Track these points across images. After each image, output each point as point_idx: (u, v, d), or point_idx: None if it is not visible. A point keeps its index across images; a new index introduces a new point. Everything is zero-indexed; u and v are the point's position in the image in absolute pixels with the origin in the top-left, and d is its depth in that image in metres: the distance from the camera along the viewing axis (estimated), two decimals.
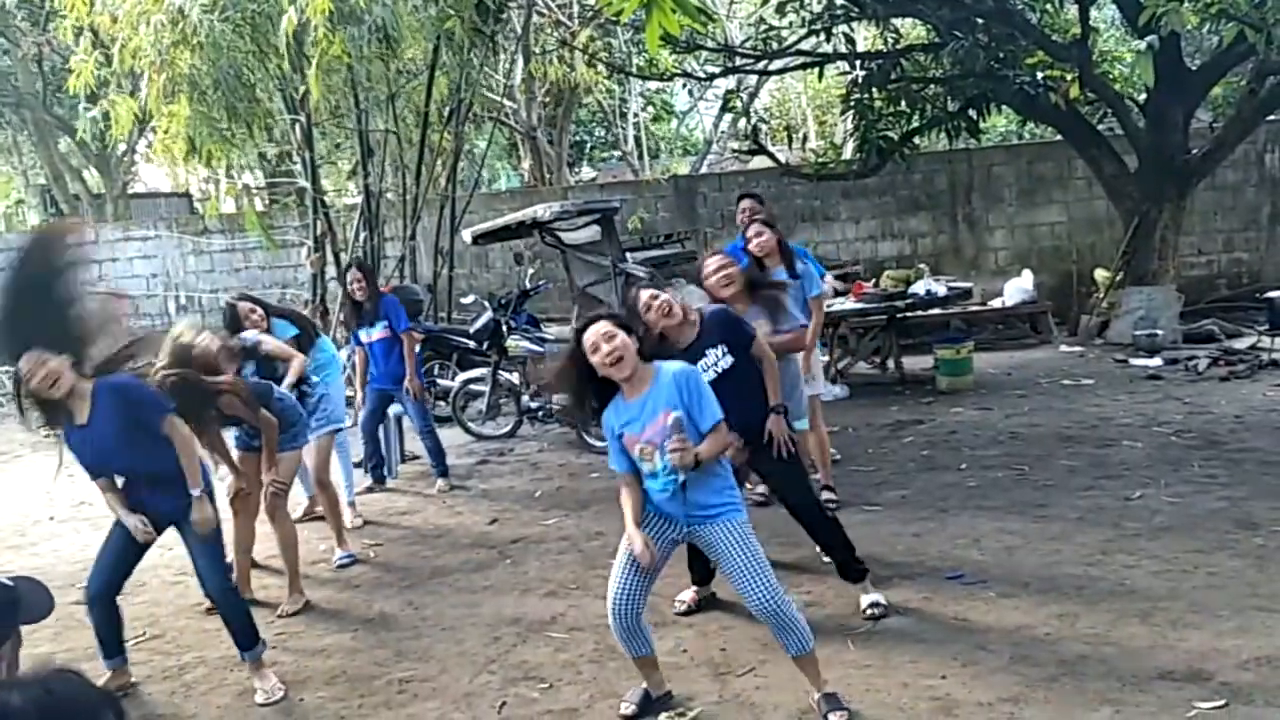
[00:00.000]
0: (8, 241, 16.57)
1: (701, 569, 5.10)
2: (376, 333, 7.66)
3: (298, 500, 6.85)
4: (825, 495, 6.28)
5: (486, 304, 9.87)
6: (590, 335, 3.76)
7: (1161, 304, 11.40)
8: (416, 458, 8.78)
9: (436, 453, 8.05)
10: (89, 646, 5.09)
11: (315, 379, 6.43)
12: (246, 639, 4.57)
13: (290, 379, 6.12)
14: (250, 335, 6.14)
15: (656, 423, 3.75)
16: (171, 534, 4.65)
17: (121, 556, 4.55)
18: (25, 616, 1.99)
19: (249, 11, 9.31)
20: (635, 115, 21.39)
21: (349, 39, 9.33)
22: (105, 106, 9.82)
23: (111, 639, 4.64)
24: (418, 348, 10.19)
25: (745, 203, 7.62)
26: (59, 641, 5.28)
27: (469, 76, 11.91)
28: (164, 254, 15.57)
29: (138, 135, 16.82)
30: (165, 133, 9.76)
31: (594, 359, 3.74)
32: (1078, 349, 11.72)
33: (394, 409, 8.21)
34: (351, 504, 7.36)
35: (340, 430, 6.76)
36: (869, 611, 4.78)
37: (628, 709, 4.03)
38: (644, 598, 3.95)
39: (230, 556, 5.17)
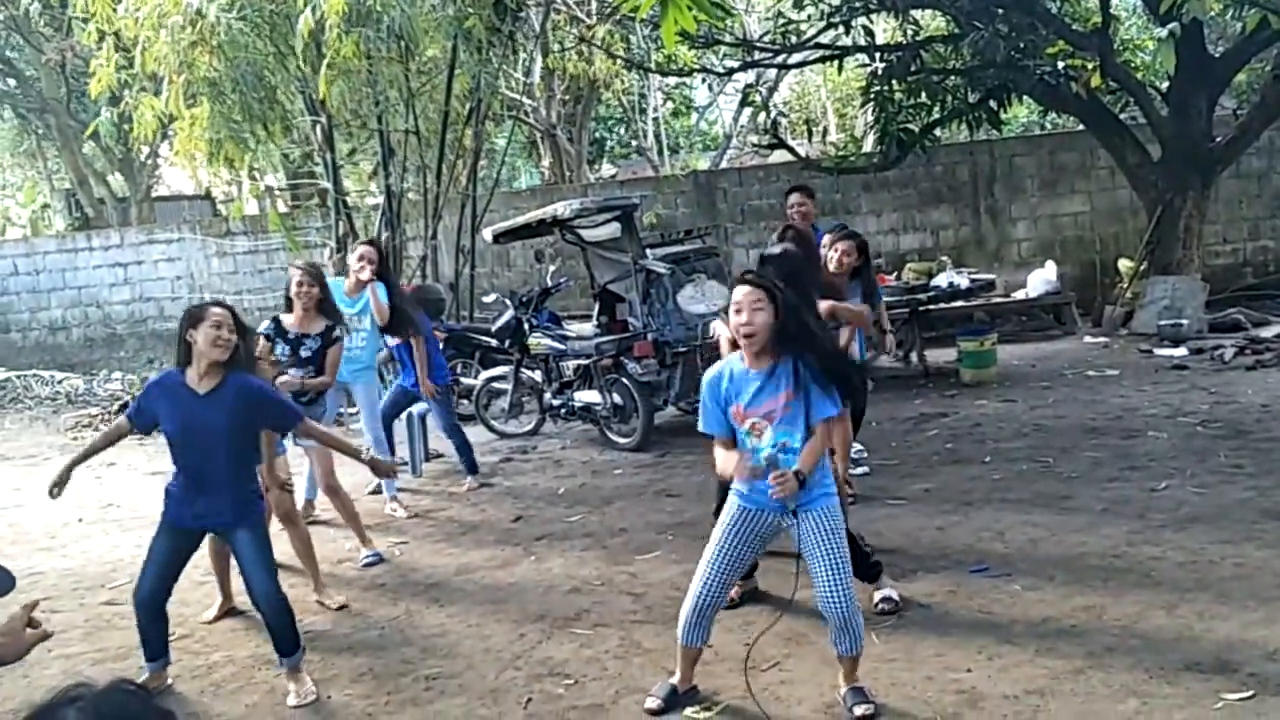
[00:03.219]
0: (33, 246, 16.76)
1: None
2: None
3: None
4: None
5: (508, 302, 9.88)
6: (738, 295, 3.73)
7: (1186, 293, 11.31)
8: (440, 456, 8.81)
9: (463, 449, 8.04)
10: (120, 646, 5.16)
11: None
12: (288, 645, 4.55)
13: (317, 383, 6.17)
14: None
15: (777, 399, 3.73)
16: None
17: (167, 563, 4.54)
18: None
19: (267, 12, 9.35)
20: (655, 111, 21.38)
21: (365, 40, 9.36)
22: (126, 108, 9.90)
23: (156, 641, 4.64)
24: (440, 346, 10.27)
25: (794, 196, 7.57)
26: (90, 641, 5.34)
27: (488, 75, 11.93)
28: (188, 256, 15.69)
29: (160, 138, 16.95)
30: (187, 135, 9.82)
31: (732, 318, 3.74)
32: (1102, 340, 11.65)
33: (419, 407, 8.23)
34: (394, 497, 7.43)
35: None
36: (880, 606, 4.77)
37: (653, 703, 4.04)
38: (728, 589, 4.03)
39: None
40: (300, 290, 6.19)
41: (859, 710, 3.82)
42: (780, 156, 14.62)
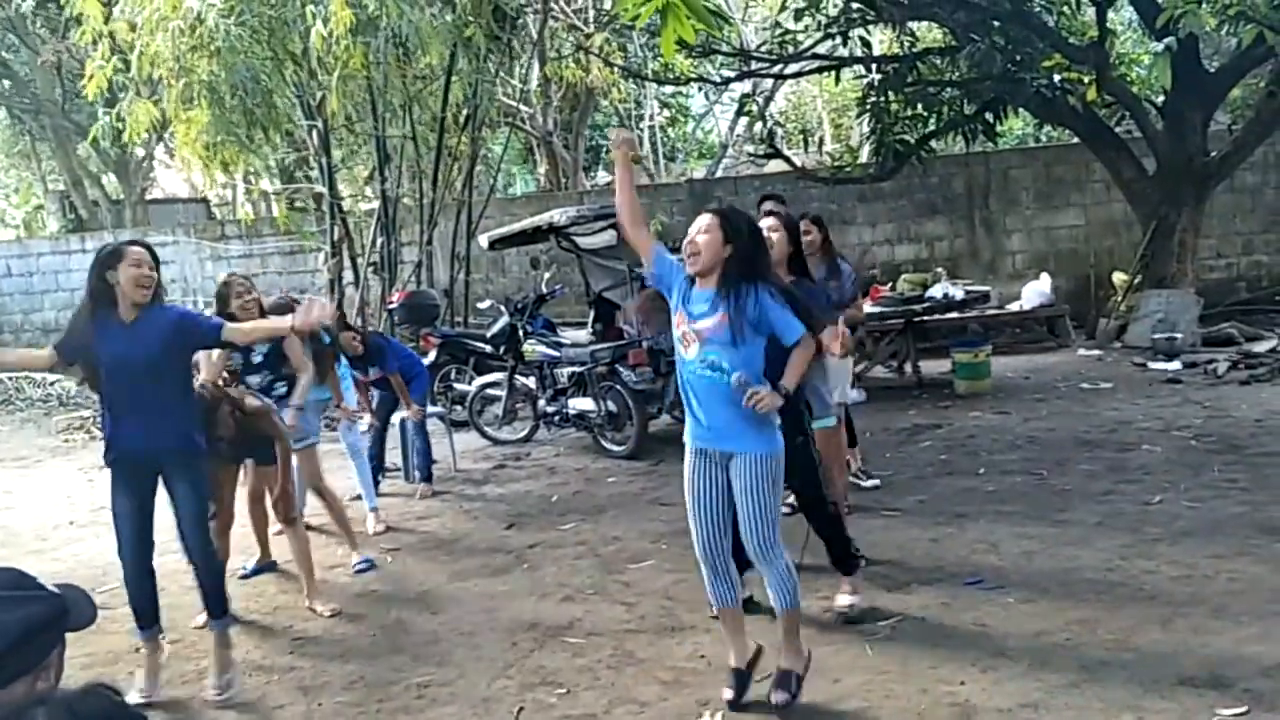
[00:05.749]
0: (27, 247, 16.72)
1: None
2: (374, 373, 7.71)
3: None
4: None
5: (503, 309, 9.87)
6: (698, 221, 3.98)
7: (1180, 307, 11.33)
8: (435, 462, 8.78)
9: (424, 454, 8.08)
10: (109, 651, 5.14)
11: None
12: (218, 605, 4.62)
13: (297, 395, 5.95)
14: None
15: (709, 320, 3.84)
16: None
17: (136, 515, 4.51)
18: (72, 624, 1.98)
19: (266, 18, 9.35)
20: (651, 119, 21.40)
21: (367, 49, 9.38)
22: (122, 111, 9.89)
23: (147, 609, 4.62)
24: (433, 353, 10.26)
25: (767, 205, 7.50)
26: (80, 645, 5.28)
27: (485, 82, 11.94)
28: (182, 259, 15.65)
29: (155, 141, 16.93)
30: (184, 138, 9.82)
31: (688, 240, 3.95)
32: (1096, 352, 11.67)
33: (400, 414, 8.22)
34: (375, 510, 7.31)
35: (315, 443, 6.35)
36: (841, 612, 4.79)
37: (728, 694, 4.03)
38: (728, 535, 3.98)
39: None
40: (244, 302, 5.96)
41: (775, 698, 3.93)
42: (776, 166, 14.64)
